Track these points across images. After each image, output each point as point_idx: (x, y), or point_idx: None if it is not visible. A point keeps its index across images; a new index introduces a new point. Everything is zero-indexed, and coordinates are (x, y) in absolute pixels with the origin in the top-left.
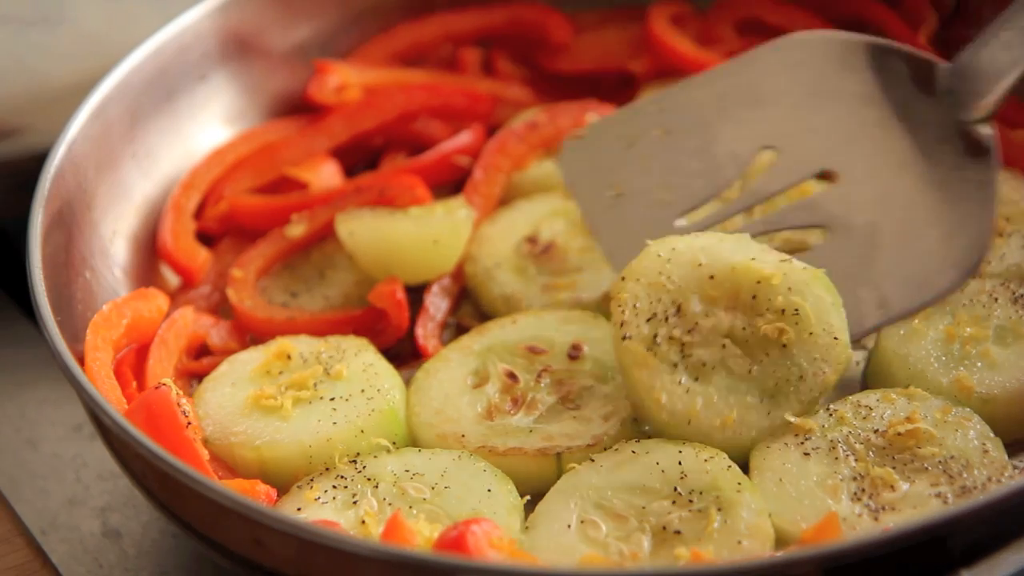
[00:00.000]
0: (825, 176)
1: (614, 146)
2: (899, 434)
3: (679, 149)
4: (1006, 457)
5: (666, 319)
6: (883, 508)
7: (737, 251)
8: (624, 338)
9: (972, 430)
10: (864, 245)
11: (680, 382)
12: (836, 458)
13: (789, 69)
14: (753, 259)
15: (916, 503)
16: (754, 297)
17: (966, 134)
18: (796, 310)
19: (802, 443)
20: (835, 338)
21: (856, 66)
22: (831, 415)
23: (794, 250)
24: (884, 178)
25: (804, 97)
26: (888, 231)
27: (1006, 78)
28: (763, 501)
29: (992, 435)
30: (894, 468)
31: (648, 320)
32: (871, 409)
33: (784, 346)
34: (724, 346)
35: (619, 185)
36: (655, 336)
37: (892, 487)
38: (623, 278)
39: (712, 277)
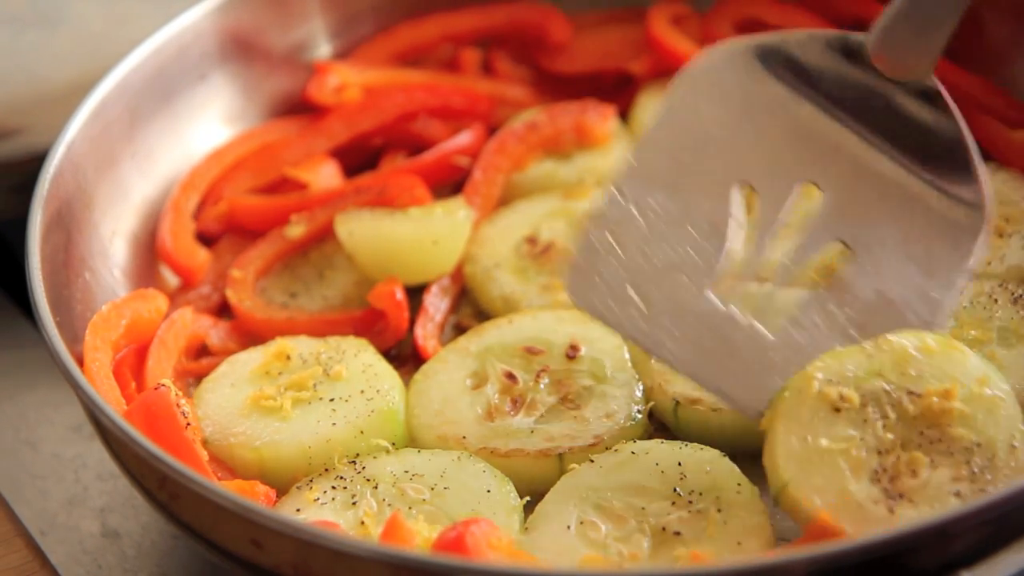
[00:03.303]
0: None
1: (604, 253)
2: (932, 407)
3: (662, 228)
4: None
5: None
6: (900, 496)
7: None
8: None
9: (1004, 412)
10: (888, 239)
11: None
12: (865, 420)
13: (720, 96)
14: None
15: (934, 500)
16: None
17: (913, 91)
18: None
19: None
20: None
21: (782, 67)
22: (869, 358)
23: (828, 276)
24: (864, 165)
25: (750, 116)
26: (893, 216)
27: (938, 30)
28: (784, 456)
29: (1022, 426)
30: (920, 446)
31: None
32: (908, 363)
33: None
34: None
35: (633, 288)
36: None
37: (914, 472)
38: None
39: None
